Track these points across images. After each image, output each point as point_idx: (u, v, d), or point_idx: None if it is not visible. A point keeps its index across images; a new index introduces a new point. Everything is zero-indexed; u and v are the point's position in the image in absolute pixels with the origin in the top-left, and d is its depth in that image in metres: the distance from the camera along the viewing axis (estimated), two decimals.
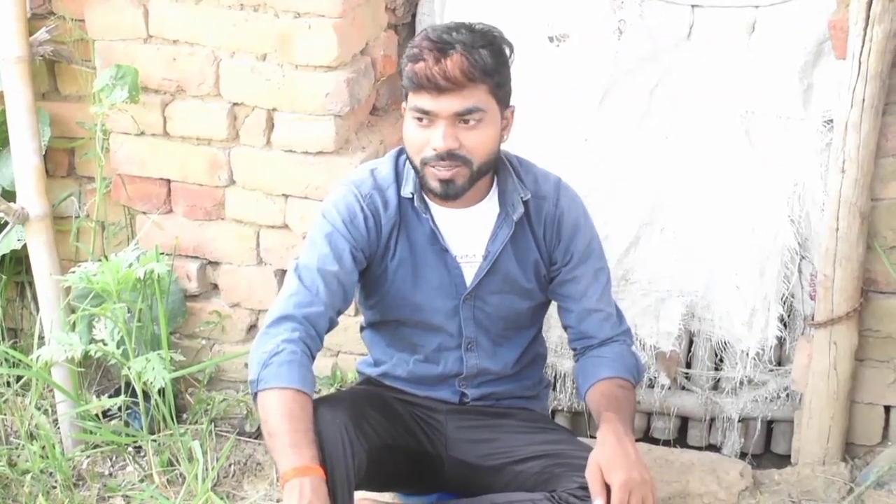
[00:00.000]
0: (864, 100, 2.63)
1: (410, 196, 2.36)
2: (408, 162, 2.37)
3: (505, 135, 2.34)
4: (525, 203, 2.38)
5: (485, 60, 2.20)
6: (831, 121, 2.76)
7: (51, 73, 3.23)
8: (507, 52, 2.28)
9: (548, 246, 2.42)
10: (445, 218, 2.38)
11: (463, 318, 2.42)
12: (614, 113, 2.93)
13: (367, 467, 2.25)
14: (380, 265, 2.40)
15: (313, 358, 2.27)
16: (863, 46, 2.59)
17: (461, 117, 2.22)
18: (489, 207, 2.39)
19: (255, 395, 2.22)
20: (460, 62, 2.18)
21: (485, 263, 2.39)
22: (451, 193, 2.28)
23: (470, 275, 2.40)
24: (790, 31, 2.79)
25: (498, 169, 2.38)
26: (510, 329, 2.48)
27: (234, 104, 2.96)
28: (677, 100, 2.92)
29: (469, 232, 2.39)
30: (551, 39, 2.92)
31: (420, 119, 2.24)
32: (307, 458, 2.07)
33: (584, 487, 2.19)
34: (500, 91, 2.27)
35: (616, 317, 2.49)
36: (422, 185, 2.32)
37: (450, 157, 2.23)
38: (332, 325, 2.34)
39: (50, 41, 3.07)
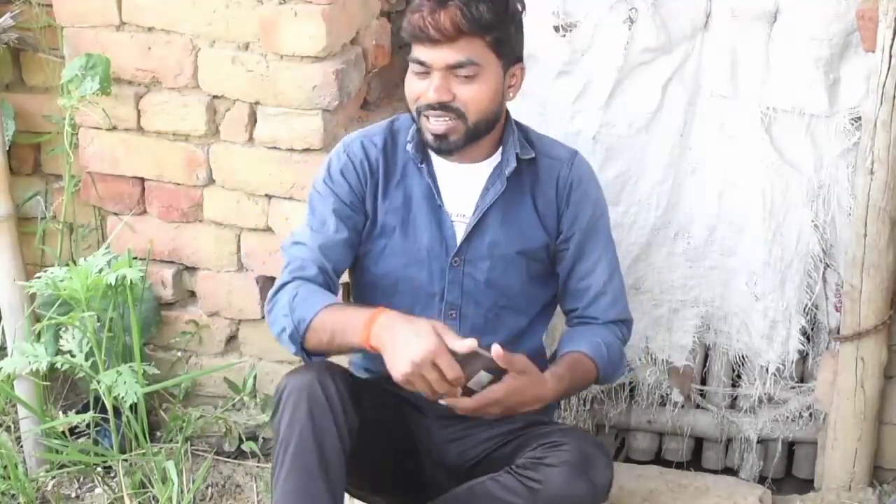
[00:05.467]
0: (894, 96, 2.62)
1: (409, 147, 2.48)
2: (408, 119, 2.50)
3: (511, 93, 2.45)
4: (528, 164, 2.47)
5: (482, 14, 2.31)
6: (859, 118, 2.76)
7: (15, 62, 3.23)
8: (516, 6, 2.40)
9: (558, 211, 2.50)
10: (445, 173, 2.48)
11: (448, 280, 2.49)
12: (625, 108, 2.92)
13: (358, 440, 2.29)
14: (373, 208, 2.49)
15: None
16: (893, 38, 2.59)
17: (454, 70, 2.33)
18: (493, 165, 2.49)
19: (302, 346, 2.34)
20: (453, 14, 2.29)
21: (472, 218, 2.47)
22: (444, 148, 2.40)
23: (461, 235, 2.48)
24: (815, 20, 2.76)
25: (505, 129, 2.49)
26: (505, 308, 2.52)
27: (214, 97, 2.96)
28: (693, 95, 2.91)
29: (467, 190, 2.48)
30: (557, 29, 2.90)
31: (418, 70, 2.36)
32: (369, 309, 2.27)
33: (542, 445, 2.31)
34: (503, 46, 2.37)
35: (624, 305, 2.58)
36: (420, 138, 2.43)
37: (443, 107, 2.35)
38: (331, 282, 2.45)
39: (14, 28, 3.07)
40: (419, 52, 2.35)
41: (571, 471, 2.24)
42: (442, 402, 2.20)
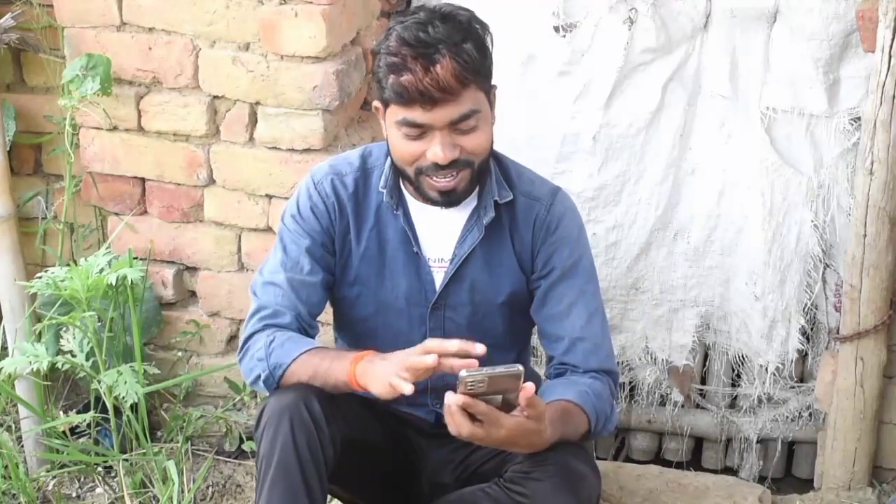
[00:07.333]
0: (894, 96, 2.63)
1: (383, 191, 2.36)
2: (381, 152, 2.37)
3: (494, 118, 2.30)
4: (506, 205, 2.35)
5: (472, 57, 2.16)
6: (858, 118, 2.77)
7: (16, 62, 3.23)
8: (486, 35, 2.24)
9: (532, 253, 2.38)
10: (422, 217, 2.37)
11: (429, 327, 2.40)
12: (625, 108, 2.93)
13: (348, 456, 2.26)
14: (342, 251, 2.39)
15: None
16: (893, 38, 2.60)
17: (457, 124, 2.19)
18: (470, 209, 2.37)
19: (276, 388, 2.29)
20: (451, 67, 2.13)
21: (450, 267, 2.37)
22: (454, 201, 2.28)
23: (440, 281, 2.39)
24: (815, 20, 2.77)
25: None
26: (490, 346, 2.37)
27: (215, 97, 2.97)
28: (693, 95, 2.92)
29: (445, 233, 2.37)
30: (557, 30, 2.91)
31: (411, 133, 2.20)
32: (353, 354, 2.21)
33: (529, 458, 2.19)
34: (488, 81, 2.25)
35: (607, 353, 2.39)
36: (418, 193, 2.31)
37: (452, 164, 2.21)
38: (306, 326, 2.38)
39: (15, 28, 3.06)
40: (413, 114, 2.16)
41: (558, 486, 2.17)
42: (448, 401, 2.05)
